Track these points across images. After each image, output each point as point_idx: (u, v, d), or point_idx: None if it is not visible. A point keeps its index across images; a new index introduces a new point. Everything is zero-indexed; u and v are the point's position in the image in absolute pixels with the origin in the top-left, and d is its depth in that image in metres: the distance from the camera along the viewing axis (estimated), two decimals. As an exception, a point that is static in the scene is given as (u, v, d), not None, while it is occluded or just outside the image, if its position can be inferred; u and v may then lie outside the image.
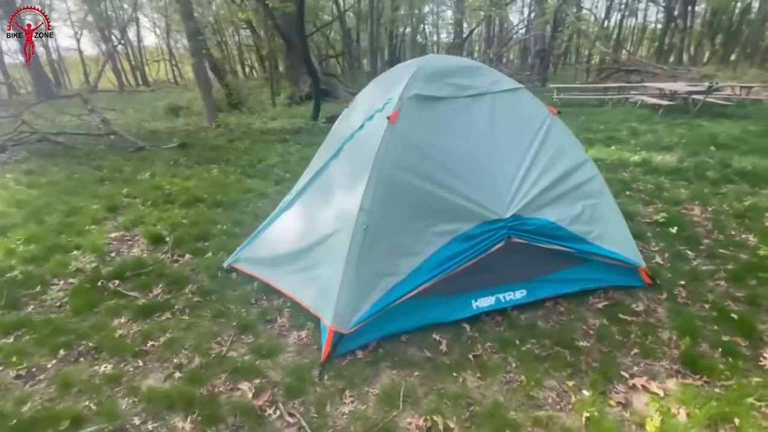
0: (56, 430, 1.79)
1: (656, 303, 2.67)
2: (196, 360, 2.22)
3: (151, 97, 17.09)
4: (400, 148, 2.46)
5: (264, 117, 10.48)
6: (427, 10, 29.63)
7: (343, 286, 2.24)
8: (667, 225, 3.70)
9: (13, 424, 1.80)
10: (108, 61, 23.13)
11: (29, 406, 1.92)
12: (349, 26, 23.57)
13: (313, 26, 18.73)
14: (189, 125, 9.84)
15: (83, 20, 25.20)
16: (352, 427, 1.81)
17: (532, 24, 21.58)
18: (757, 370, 2.11)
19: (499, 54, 21.57)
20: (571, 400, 1.94)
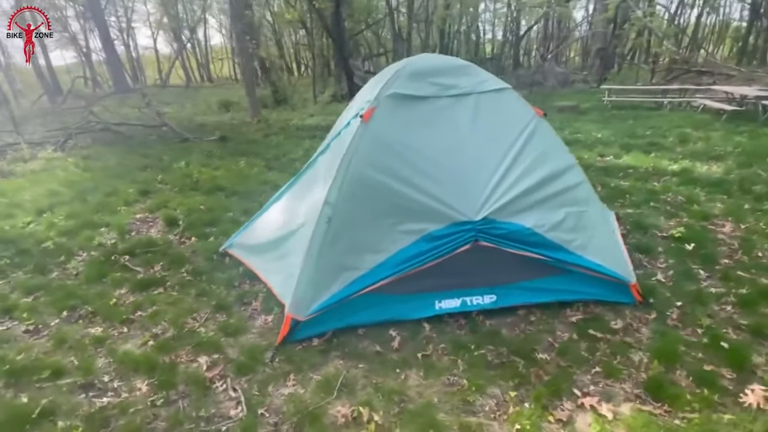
0: (38, 378, 2.07)
1: (641, 323, 2.48)
2: (170, 332, 2.44)
3: (211, 93, 18.39)
4: (372, 146, 2.51)
5: (304, 114, 10.90)
6: (483, 7, 28.94)
7: (302, 275, 2.35)
8: (684, 241, 3.38)
9: (6, 369, 2.12)
10: (177, 58, 25.22)
11: (25, 356, 2.24)
12: (400, 25, 23.64)
13: (364, 25, 19.06)
14: (234, 120, 10.50)
15: (159, 21, 27.73)
16: (285, 408, 1.91)
17: (593, 21, 20.29)
18: (734, 407, 1.90)
19: (554, 53, 20.49)
20: (509, 410, 1.89)
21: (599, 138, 6.99)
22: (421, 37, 25.11)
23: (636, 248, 3.32)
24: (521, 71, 21.27)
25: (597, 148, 6.32)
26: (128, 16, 27.05)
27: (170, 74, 24.99)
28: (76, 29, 24.09)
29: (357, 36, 18.22)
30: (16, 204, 4.50)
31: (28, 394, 2.01)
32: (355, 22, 19.18)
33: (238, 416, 1.87)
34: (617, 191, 4.57)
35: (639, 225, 3.71)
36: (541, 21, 26.11)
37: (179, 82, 26.36)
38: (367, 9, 21.97)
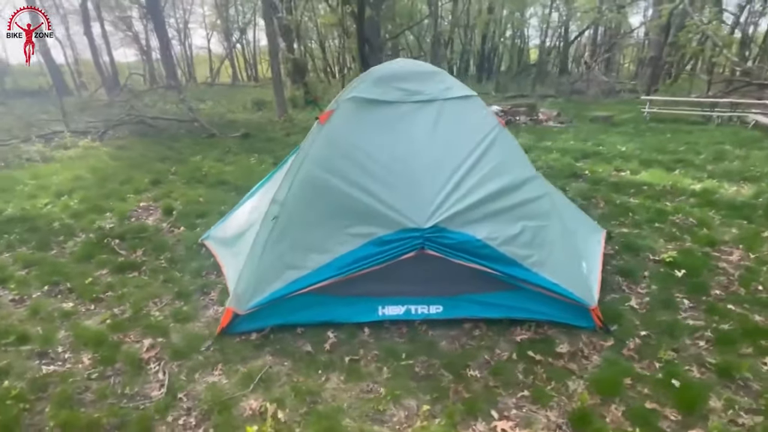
0: (5, 341, 2.30)
1: (594, 349, 2.32)
2: (128, 313, 2.61)
3: (251, 92, 19.23)
4: (325, 148, 2.55)
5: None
6: (531, 12, 28.08)
7: (244, 270, 2.43)
8: (675, 266, 3.12)
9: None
10: (226, 58, 26.63)
11: (2, 321, 2.49)
12: (441, 30, 23.48)
13: (400, 30, 19.13)
14: (262, 118, 10.94)
15: (213, 23, 29.44)
16: (202, 395, 1.99)
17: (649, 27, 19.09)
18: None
19: (600, 60, 19.45)
20: (416, 423, 1.84)
21: (622, 151, 6.58)
22: (462, 41, 24.84)
23: (619, 270, 3.11)
24: (563, 79, 20.43)
25: (615, 161, 5.95)
26: (186, 17, 29.01)
27: (218, 73, 26.40)
28: (138, 29, 26.14)
29: (394, 40, 18.33)
30: (44, 186, 4.98)
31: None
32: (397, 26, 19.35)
33: (157, 397, 1.97)
34: (621, 208, 4.29)
35: (631, 246, 3.46)
36: (590, 27, 24.94)
37: (227, 81, 27.83)
38: (410, 13, 22.09)
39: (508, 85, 20.86)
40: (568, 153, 6.50)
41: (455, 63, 25.84)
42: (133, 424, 1.81)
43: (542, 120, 10.02)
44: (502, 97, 16.27)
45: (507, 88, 19.27)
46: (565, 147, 6.93)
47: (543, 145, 7.17)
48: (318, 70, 27.82)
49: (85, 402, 1.97)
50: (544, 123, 9.85)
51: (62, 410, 1.88)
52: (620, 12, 19.40)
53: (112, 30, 25.86)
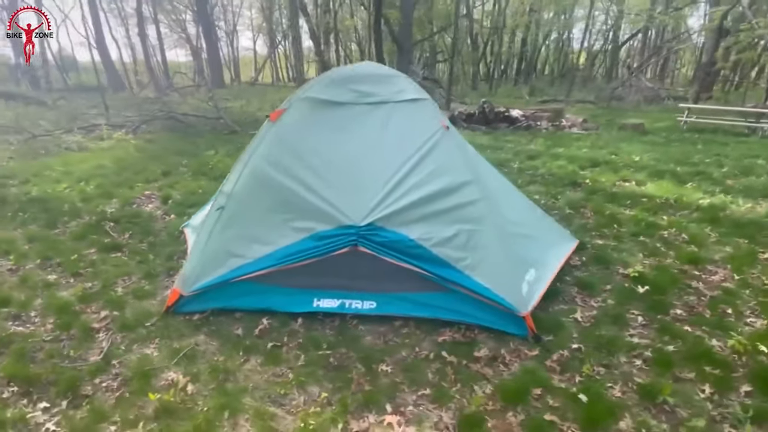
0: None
1: (516, 358, 2.29)
2: (97, 287, 2.90)
3: (288, 92, 20.00)
4: (273, 145, 2.69)
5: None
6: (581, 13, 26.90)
7: (192, 254, 2.63)
8: (640, 282, 2.97)
9: (-32, 291, 2.74)
10: (268, 59, 27.80)
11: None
12: (476, 32, 23.15)
13: (428, 33, 19.05)
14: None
15: (260, 26, 30.89)
16: (131, 364, 2.19)
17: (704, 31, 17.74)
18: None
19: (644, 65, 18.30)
20: (311, 409, 1.93)
21: (635, 161, 6.23)
22: (500, 44, 24.28)
23: (578, 282, 3.00)
24: (606, 84, 19.42)
25: (624, 171, 5.66)
26: (234, 20, 30.64)
27: (260, 73, 27.60)
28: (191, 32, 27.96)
29: (427, 42, 18.32)
30: (69, 173, 5.55)
31: (-26, 314, 2.59)
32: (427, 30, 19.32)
33: (93, 362, 2.20)
34: (609, 220, 4.10)
35: (602, 259, 3.32)
36: (641, 31, 23.52)
37: (269, 81, 29.05)
38: (448, 15, 21.95)
39: (545, 90, 20.20)
40: (576, 161, 6.25)
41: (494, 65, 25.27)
42: (64, 382, 2.04)
43: (565, 126, 9.65)
44: (534, 101, 15.80)
45: (543, 93, 18.67)
46: (576, 155, 6.67)
47: (553, 152, 6.94)
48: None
49: (35, 359, 2.23)
50: (567, 129, 9.49)
51: (14, 364, 2.15)
52: (673, 14, 18.19)
53: (167, 32, 27.97)
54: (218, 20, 28.31)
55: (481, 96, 17.91)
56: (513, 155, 6.82)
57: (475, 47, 22.87)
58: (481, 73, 24.68)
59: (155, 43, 24.16)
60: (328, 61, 14.45)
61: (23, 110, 10.41)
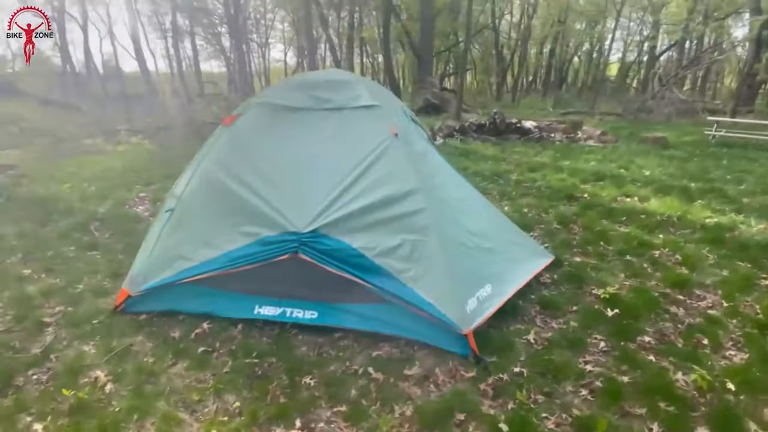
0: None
1: (451, 378, 2.15)
2: (62, 283, 3.00)
3: None
4: (225, 149, 2.72)
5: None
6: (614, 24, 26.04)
7: (140, 255, 2.67)
8: (610, 304, 2.74)
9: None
10: (296, 71, 28.63)
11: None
12: (502, 43, 22.87)
13: (445, 45, 18.99)
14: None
15: (291, 38, 31.92)
16: (66, 359, 2.23)
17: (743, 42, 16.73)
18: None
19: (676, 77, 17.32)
20: (220, 418, 1.88)
21: (645, 176, 5.86)
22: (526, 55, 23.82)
23: (542, 300, 2.82)
24: (636, 96, 18.58)
25: (628, 186, 5.33)
26: (267, 33, 31.83)
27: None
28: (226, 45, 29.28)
29: (449, 52, 18.24)
30: (77, 174, 5.87)
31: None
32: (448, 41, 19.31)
33: (33, 354, 2.26)
34: (596, 236, 3.86)
35: (576, 277, 3.11)
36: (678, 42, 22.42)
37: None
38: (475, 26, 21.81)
39: (571, 102, 19.59)
40: (579, 174, 5.97)
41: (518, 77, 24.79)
42: (0, 372, 2.11)
43: (580, 138, 9.28)
44: (556, 113, 15.33)
45: (569, 105, 18.09)
46: (582, 168, 6.37)
47: (559, 164, 6.65)
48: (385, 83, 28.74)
49: (-16, 348, 2.32)
50: (582, 141, 9.12)
51: (-38, 353, 2.25)
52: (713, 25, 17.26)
53: (203, 44, 29.46)
54: (251, 33, 29.56)
55: (503, 107, 17.64)
56: (515, 167, 6.60)
57: (500, 58, 22.57)
58: (507, 84, 24.29)
59: (191, 55, 25.43)
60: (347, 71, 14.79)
61: (57, 115, 11.17)
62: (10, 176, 5.59)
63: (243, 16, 23.48)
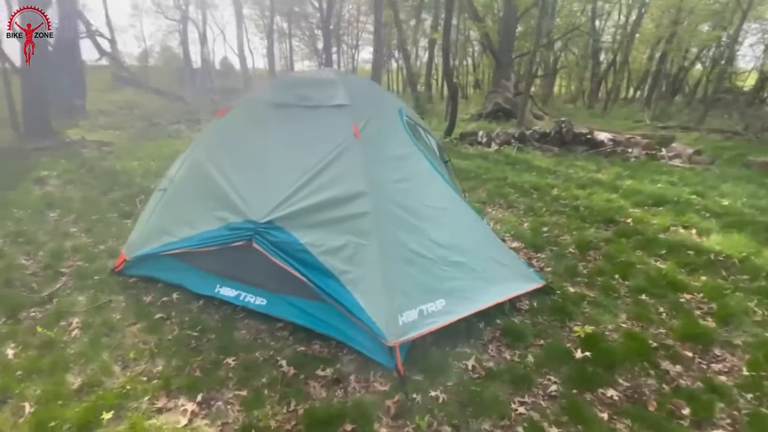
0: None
1: (363, 388, 2.09)
2: (91, 242, 3.55)
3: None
4: (212, 139, 2.96)
5: (422, 126, 11.38)
6: (753, 27, 21.95)
7: (137, 226, 3.04)
8: (584, 344, 2.38)
9: None
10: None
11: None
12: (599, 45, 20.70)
13: (541, 45, 17.68)
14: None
15: (380, 39, 32.93)
16: (60, 304, 2.66)
17: None
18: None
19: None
20: (141, 377, 2.08)
21: (721, 206, 4.88)
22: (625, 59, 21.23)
23: (507, 327, 2.56)
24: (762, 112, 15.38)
25: (689, 215, 4.50)
26: (358, 36, 33.25)
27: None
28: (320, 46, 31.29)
29: (520, 57, 17.04)
30: (150, 154, 6.81)
31: None
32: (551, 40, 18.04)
33: (41, 296, 2.74)
34: (616, 268, 3.36)
35: (562, 310, 2.76)
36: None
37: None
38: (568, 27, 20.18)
39: (677, 115, 17.01)
40: (634, 196, 5.20)
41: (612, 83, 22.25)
42: (10, 305, 2.61)
43: (664, 156, 8.05)
44: (652, 126, 13.47)
45: (673, 118, 15.75)
46: (642, 189, 5.53)
47: (616, 183, 5.87)
48: (468, 86, 28.09)
49: (13, 284, 2.88)
50: (665, 160, 7.90)
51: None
52: None
53: (300, 45, 31.91)
54: (344, 35, 31.19)
55: (591, 116, 16.02)
56: (562, 181, 5.99)
57: (596, 62, 20.52)
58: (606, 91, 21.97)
59: (287, 55, 27.70)
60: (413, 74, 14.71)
61: (163, 103, 13.05)
62: (102, 152, 6.72)
63: (334, 20, 24.88)
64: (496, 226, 4.26)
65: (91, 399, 1.92)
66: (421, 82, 20.66)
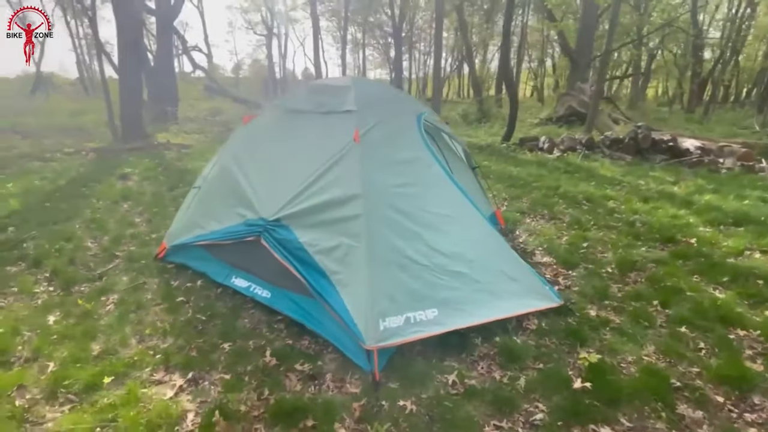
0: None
1: (336, 388, 2.11)
2: (147, 230, 4.06)
3: (446, 106, 20.45)
4: (238, 143, 3.23)
5: (479, 131, 11.03)
6: None
7: (177, 218, 3.42)
8: (589, 374, 2.14)
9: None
10: (448, 78, 29.17)
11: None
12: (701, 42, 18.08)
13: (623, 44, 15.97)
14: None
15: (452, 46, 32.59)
16: (106, 282, 3.10)
17: None
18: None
19: None
20: (149, 351, 2.34)
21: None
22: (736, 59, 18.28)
23: (503, 346, 2.39)
24: None
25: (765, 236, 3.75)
26: (431, 43, 33.29)
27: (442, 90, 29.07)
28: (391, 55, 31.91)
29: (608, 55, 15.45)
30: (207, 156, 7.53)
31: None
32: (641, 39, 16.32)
33: (93, 274, 3.22)
34: (657, 292, 2.96)
35: (575, 334, 2.51)
36: None
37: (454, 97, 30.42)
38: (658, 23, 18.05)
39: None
40: (708, 213, 4.48)
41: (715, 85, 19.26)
42: (66, 279, 3.11)
43: (762, 168, 6.81)
44: (762, 134, 11.44)
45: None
46: (722, 206, 4.74)
47: (693, 199, 5.11)
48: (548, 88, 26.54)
49: (75, 263, 3.42)
50: (764, 173, 6.68)
51: (63, 264, 3.36)
52: None
53: (374, 54, 32.95)
54: (417, 42, 31.49)
55: (688, 122, 14.13)
56: (625, 193, 5.39)
57: (697, 61, 18.02)
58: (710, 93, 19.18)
59: (359, 64, 28.77)
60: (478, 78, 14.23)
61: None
62: (180, 153, 7.62)
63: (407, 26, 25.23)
64: (530, 238, 3.98)
65: (104, 365, 2.21)
66: (488, 85, 19.98)
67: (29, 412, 1.93)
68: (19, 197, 4.86)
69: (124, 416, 1.88)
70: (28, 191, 5.18)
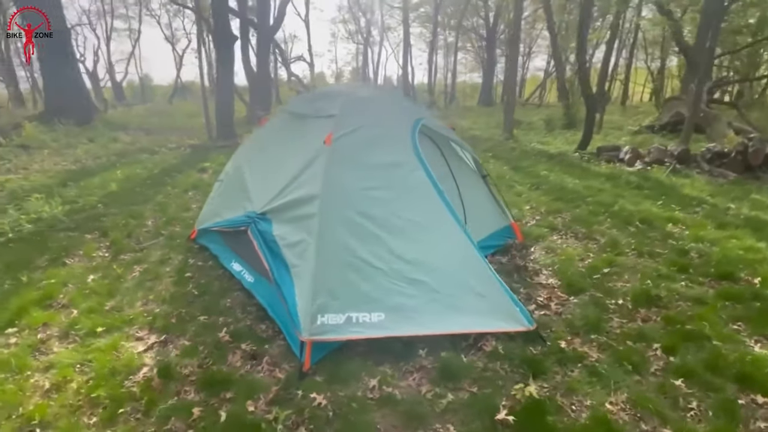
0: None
1: (268, 369, 2.27)
2: (191, 215, 4.74)
3: (533, 111, 19.03)
4: (250, 144, 3.60)
5: (558, 138, 10.13)
6: None
7: (204, 206, 3.94)
8: (519, 409, 1.93)
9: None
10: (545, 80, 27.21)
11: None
12: None
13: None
14: (494, 136, 11.36)
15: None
16: (146, 254, 3.74)
17: None
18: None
19: None
20: (145, 313, 2.80)
21: None
22: None
23: (444, 361, 2.29)
24: None
25: None
26: (531, 44, 31.43)
27: (536, 94, 27.21)
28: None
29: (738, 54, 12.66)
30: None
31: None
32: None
33: (139, 247, 3.90)
34: (672, 336, 2.51)
35: (535, 365, 2.27)
36: None
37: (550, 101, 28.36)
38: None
39: None
40: (746, 229, 3.53)
41: None
42: (121, 245, 3.81)
43: None
44: None
45: None
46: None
47: (722, 217, 4.07)
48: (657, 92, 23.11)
49: (132, 235, 4.17)
50: None
51: (119, 234, 4.14)
52: None
53: (468, 58, 32.38)
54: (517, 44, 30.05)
55: None
56: (702, 216, 4.51)
57: None
58: None
59: (451, 68, 28.50)
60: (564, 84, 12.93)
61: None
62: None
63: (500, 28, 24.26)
64: (544, 256, 3.63)
65: (107, 318, 2.71)
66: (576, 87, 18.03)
67: (44, 344, 2.49)
68: (120, 182, 6.06)
69: (99, 359, 2.30)
70: (128, 177, 6.41)
